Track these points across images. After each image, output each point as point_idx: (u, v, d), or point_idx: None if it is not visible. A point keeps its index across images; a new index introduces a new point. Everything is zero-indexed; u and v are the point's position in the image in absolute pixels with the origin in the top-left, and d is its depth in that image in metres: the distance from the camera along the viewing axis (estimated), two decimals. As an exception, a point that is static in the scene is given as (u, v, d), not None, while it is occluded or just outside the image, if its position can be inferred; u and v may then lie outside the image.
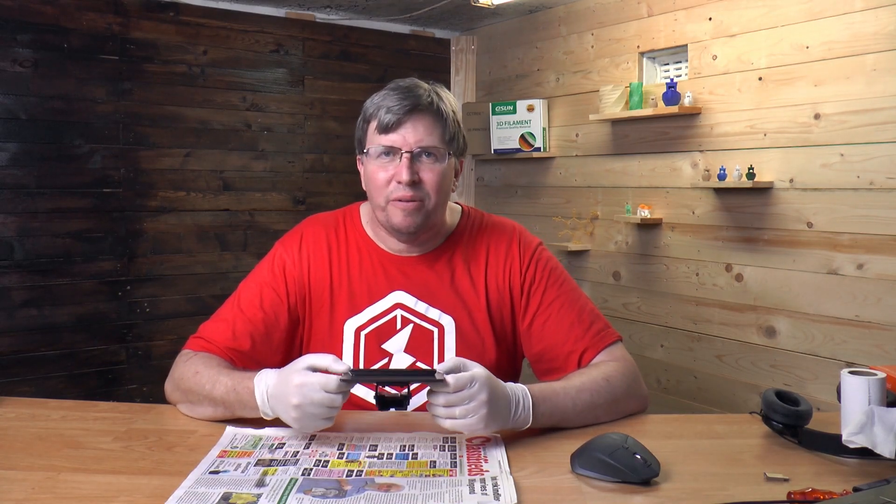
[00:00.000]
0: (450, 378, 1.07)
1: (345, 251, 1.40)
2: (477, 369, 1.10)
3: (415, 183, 1.29)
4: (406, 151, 1.28)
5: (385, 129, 1.29)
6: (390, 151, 1.30)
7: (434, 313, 1.36)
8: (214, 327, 1.36)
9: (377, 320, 1.36)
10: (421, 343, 1.35)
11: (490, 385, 1.10)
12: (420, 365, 1.35)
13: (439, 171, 1.31)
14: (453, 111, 1.34)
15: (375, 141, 1.31)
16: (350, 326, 1.36)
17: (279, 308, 1.36)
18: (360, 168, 1.38)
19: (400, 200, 1.29)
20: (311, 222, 1.45)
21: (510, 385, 1.15)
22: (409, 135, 1.29)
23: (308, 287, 1.38)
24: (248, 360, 1.32)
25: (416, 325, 1.35)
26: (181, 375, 1.29)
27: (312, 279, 1.38)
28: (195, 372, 1.26)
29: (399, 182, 1.29)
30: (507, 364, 1.41)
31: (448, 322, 1.36)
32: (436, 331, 1.35)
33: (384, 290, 1.37)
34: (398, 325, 1.35)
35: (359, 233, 1.42)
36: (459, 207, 1.47)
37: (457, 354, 1.34)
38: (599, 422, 1.24)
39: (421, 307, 1.36)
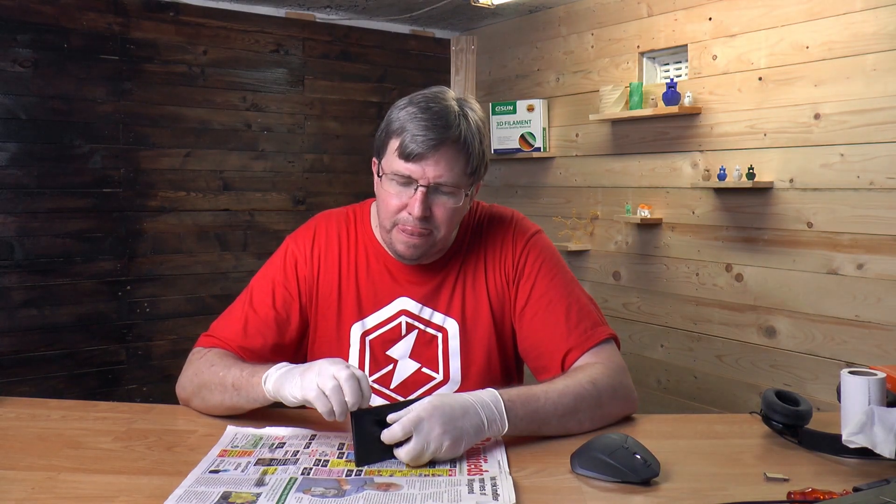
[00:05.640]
0: (396, 429, 1.03)
1: (353, 253, 1.38)
2: (419, 407, 1.05)
3: (426, 218, 1.25)
4: (423, 185, 1.23)
5: (406, 157, 1.23)
6: (407, 182, 1.25)
7: (438, 318, 1.35)
8: (226, 325, 1.36)
9: (382, 326, 1.35)
10: (425, 348, 1.34)
11: (441, 413, 1.04)
12: (426, 372, 1.35)
13: (453, 208, 1.26)
14: (480, 138, 1.27)
15: (394, 165, 1.25)
16: (356, 331, 1.35)
17: (291, 306, 1.36)
18: (375, 174, 1.33)
19: (406, 230, 1.27)
20: (324, 219, 1.43)
21: (475, 394, 1.10)
22: (430, 169, 1.23)
23: (317, 286, 1.37)
24: (259, 358, 1.31)
25: (420, 331, 1.35)
26: (196, 370, 1.29)
27: (321, 279, 1.37)
28: (211, 364, 1.26)
29: (410, 213, 1.25)
30: (513, 363, 1.40)
31: (452, 326, 1.35)
32: (440, 336, 1.35)
33: (390, 296, 1.36)
34: (403, 332, 1.35)
35: (367, 236, 1.40)
36: None
37: (461, 358, 1.34)
38: (583, 429, 1.19)
39: (425, 313, 1.35)
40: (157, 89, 3.53)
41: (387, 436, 1.03)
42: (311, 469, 1.03)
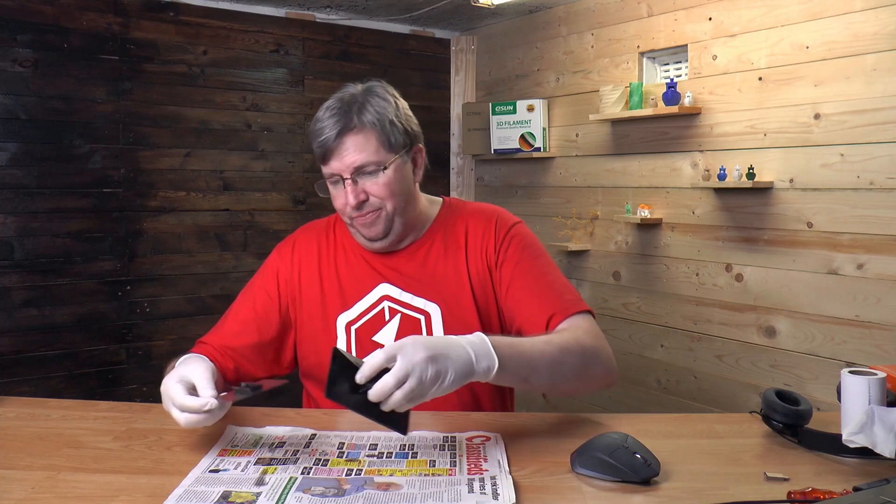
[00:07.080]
0: (378, 355, 1.01)
1: (332, 251, 1.46)
2: (398, 342, 1.03)
3: (363, 202, 1.34)
4: (346, 178, 1.33)
5: (322, 159, 1.35)
6: (337, 180, 1.35)
7: (419, 302, 1.39)
8: (212, 330, 1.44)
9: (366, 314, 1.40)
10: (410, 332, 1.37)
11: (424, 342, 1.03)
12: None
13: (384, 181, 1.34)
14: (382, 113, 1.32)
15: (323, 171, 1.37)
16: (341, 322, 1.41)
17: (270, 308, 1.43)
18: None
19: (358, 219, 1.36)
20: (305, 229, 1.53)
21: (458, 336, 1.09)
22: (345, 159, 1.32)
23: (299, 287, 1.44)
24: (240, 356, 1.39)
25: (403, 315, 1.39)
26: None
27: (303, 280, 1.45)
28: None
29: (349, 206, 1.34)
30: None
31: (434, 309, 1.39)
32: (422, 318, 1.38)
33: (371, 284, 1.41)
34: (386, 317, 1.39)
35: (346, 235, 1.48)
36: (440, 199, 1.51)
37: None
38: (571, 387, 1.24)
39: (406, 297, 1.39)
40: (157, 89, 3.53)
41: (369, 362, 1.00)
42: (310, 468, 1.03)
